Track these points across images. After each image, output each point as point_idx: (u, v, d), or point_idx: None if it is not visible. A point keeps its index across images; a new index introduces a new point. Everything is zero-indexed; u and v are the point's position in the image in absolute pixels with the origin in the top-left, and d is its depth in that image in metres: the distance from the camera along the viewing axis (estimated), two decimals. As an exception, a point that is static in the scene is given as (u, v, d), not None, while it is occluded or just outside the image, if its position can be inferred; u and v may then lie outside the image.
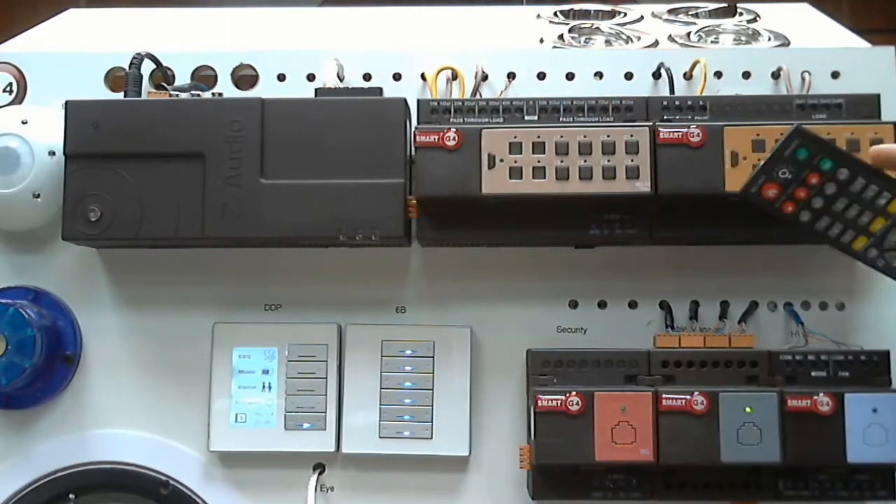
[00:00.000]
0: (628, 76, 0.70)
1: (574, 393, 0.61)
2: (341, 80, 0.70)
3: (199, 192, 0.63)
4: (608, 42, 0.81)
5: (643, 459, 0.60)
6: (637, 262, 0.68)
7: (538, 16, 0.90)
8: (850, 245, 0.57)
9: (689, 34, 0.81)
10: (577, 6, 0.91)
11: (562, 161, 0.61)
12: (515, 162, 0.61)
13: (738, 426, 0.60)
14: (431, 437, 0.66)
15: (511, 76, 0.70)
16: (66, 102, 0.65)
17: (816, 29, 0.84)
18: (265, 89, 0.71)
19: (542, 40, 0.80)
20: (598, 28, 0.85)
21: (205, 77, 0.72)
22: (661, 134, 0.61)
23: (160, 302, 0.69)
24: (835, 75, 0.69)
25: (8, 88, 0.71)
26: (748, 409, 0.60)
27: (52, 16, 0.89)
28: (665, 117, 0.64)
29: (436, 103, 0.64)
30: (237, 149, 0.63)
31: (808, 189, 0.57)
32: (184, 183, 0.63)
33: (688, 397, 0.60)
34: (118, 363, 0.69)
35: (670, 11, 0.90)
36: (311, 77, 0.71)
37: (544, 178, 0.61)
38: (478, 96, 0.69)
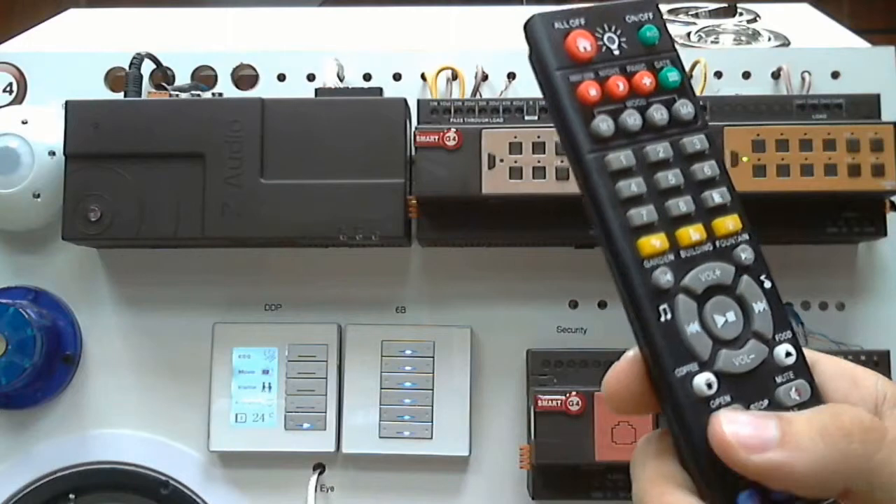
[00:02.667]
0: (628, 76, 0.70)
1: (574, 393, 0.61)
2: (341, 80, 0.70)
3: (199, 192, 0.63)
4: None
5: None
6: (637, 262, 0.67)
7: (538, 16, 0.90)
8: (631, 240, 0.32)
9: (689, 34, 0.81)
10: (576, 6, 0.91)
11: (562, 161, 0.61)
12: (515, 162, 0.61)
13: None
14: (431, 437, 0.66)
15: (511, 76, 0.70)
16: (66, 102, 0.65)
17: (816, 29, 0.84)
18: (265, 89, 0.71)
19: (542, 40, 0.80)
20: (598, 28, 0.84)
21: (205, 77, 0.72)
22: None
23: (160, 302, 0.69)
24: (835, 75, 0.69)
25: (8, 88, 0.71)
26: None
27: (52, 16, 0.89)
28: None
29: (436, 103, 0.64)
30: (237, 149, 0.63)
31: (629, 91, 0.34)
32: (184, 183, 0.63)
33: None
34: (118, 363, 0.69)
35: (670, 11, 0.90)
36: (311, 77, 0.71)
37: (544, 178, 0.61)
38: (478, 96, 0.69)
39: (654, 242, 0.32)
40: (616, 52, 0.34)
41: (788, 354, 0.33)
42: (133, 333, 0.69)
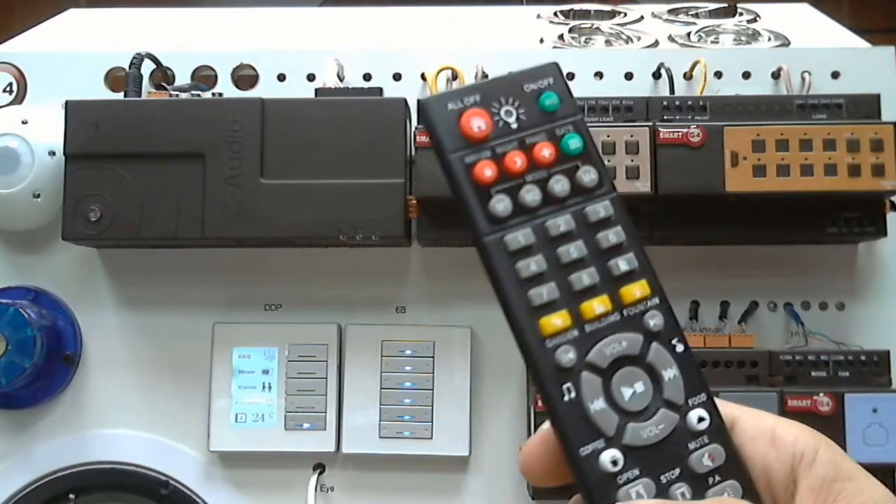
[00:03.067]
0: (628, 76, 0.70)
1: (574, 393, 0.60)
2: (341, 80, 0.70)
3: (199, 192, 0.63)
4: (608, 42, 0.81)
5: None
6: (637, 262, 0.67)
7: (538, 16, 0.90)
8: (532, 320, 0.32)
9: (689, 34, 0.81)
10: (577, 6, 0.91)
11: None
12: (515, 162, 0.61)
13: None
14: (431, 437, 0.66)
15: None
16: (66, 102, 0.65)
17: (816, 29, 0.84)
18: (265, 89, 0.71)
19: (542, 40, 0.80)
20: (598, 28, 0.85)
21: (205, 77, 0.72)
22: (661, 134, 0.61)
23: (160, 302, 0.69)
24: (835, 75, 0.69)
25: (8, 88, 0.71)
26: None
27: (52, 16, 0.89)
28: (665, 117, 0.64)
29: (436, 103, 0.64)
30: (237, 149, 0.63)
31: (528, 165, 0.33)
32: (184, 183, 0.63)
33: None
34: (118, 363, 0.69)
35: (670, 11, 0.90)
36: (311, 77, 0.71)
37: (544, 178, 0.61)
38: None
39: (556, 321, 0.32)
40: (514, 126, 0.33)
41: (701, 420, 0.33)
42: (133, 333, 0.69)
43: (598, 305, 0.32)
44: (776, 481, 0.33)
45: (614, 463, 0.32)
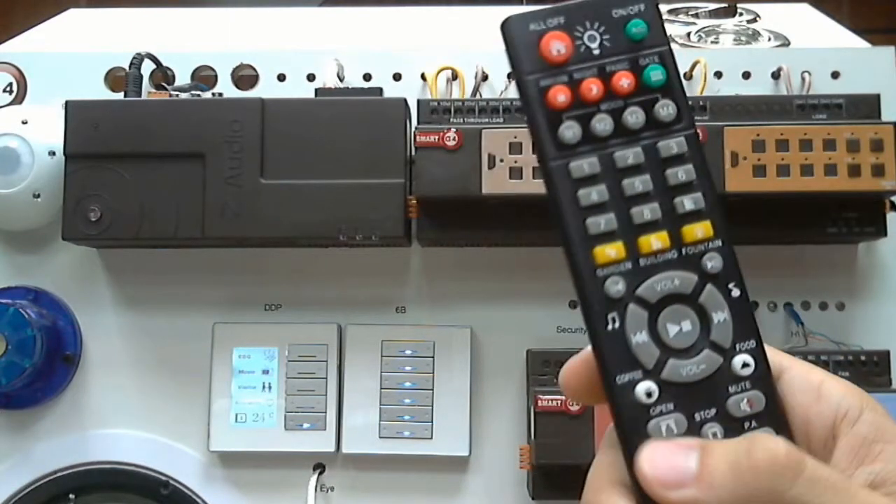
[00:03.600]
0: (628, 76, 0.70)
1: (574, 393, 0.60)
2: (341, 80, 0.70)
3: (199, 192, 0.63)
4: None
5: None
6: (637, 262, 0.67)
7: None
8: (586, 248, 0.33)
9: (689, 34, 0.81)
10: (577, 6, 0.91)
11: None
12: (515, 162, 0.61)
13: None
14: (431, 437, 0.66)
15: (511, 76, 0.70)
16: (66, 102, 0.65)
17: (816, 29, 0.84)
18: (265, 89, 0.71)
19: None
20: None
21: (205, 77, 0.72)
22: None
23: (160, 302, 0.69)
24: (835, 75, 0.69)
25: (8, 88, 0.71)
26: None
27: (52, 16, 0.89)
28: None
29: (436, 103, 0.64)
30: (237, 149, 0.63)
31: (604, 93, 0.33)
32: (184, 183, 0.63)
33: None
34: (118, 363, 0.69)
35: (670, 11, 0.90)
36: (311, 77, 0.71)
37: (544, 178, 0.61)
38: (478, 96, 0.69)
39: (609, 252, 0.32)
40: (596, 52, 0.33)
41: (745, 365, 0.33)
42: (133, 333, 0.69)
43: (655, 241, 0.33)
44: (816, 435, 0.33)
45: (649, 395, 0.32)
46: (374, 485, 0.67)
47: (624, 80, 0.33)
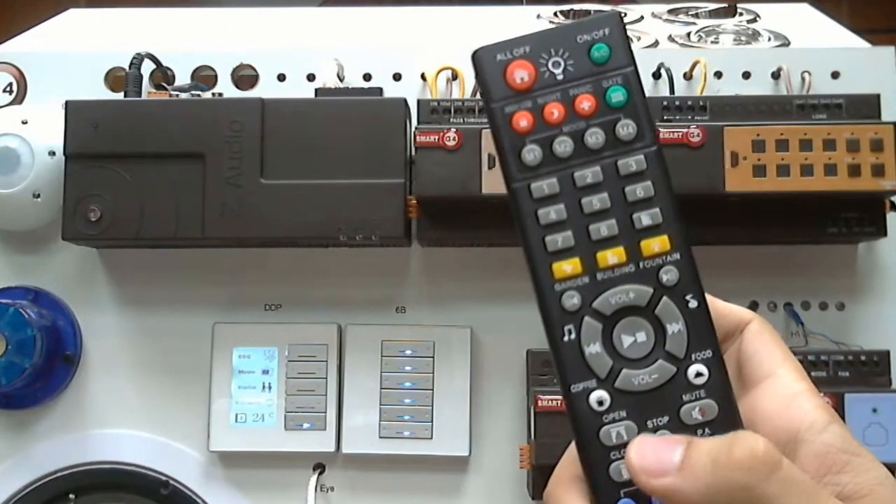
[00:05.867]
0: (628, 76, 0.70)
1: (574, 393, 0.60)
2: (341, 80, 0.70)
3: (199, 192, 0.63)
4: (608, 42, 0.81)
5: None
6: (637, 262, 0.67)
7: (538, 16, 0.90)
8: (546, 264, 0.34)
9: (689, 34, 0.81)
10: (577, 6, 0.91)
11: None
12: (515, 162, 0.61)
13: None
14: (431, 437, 0.66)
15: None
16: (66, 102, 0.65)
17: (816, 29, 0.84)
18: (265, 89, 0.71)
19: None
20: (598, 28, 0.84)
21: (205, 77, 0.72)
22: (660, 134, 0.61)
23: (160, 302, 0.69)
24: (835, 75, 0.69)
25: (8, 88, 0.71)
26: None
27: (52, 16, 0.89)
28: (665, 117, 0.64)
29: (436, 103, 0.64)
30: (237, 149, 0.63)
31: (565, 116, 0.34)
32: (184, 183, 0.63)
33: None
34: (118, 363, 0.69)
35: (670, 11, 0.90)
36: (311, 77, 0.71)
37: (544, 178, 0.61)
38: (478, 96, 0.69)
39: (566, 268, 0.34)
40: (560, 77, 0.34)
41: (699, 375, 0.34)
42: (133, 333, 0.69)
43: (612, 256, 0.34)
44: (778, 440, 0.33)
45: (600, 403, 0.34)
46: (374, 485, 0.67)
47: (585, 103, 0.34)
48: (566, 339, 0.34)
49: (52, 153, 0.66)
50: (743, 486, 0.30)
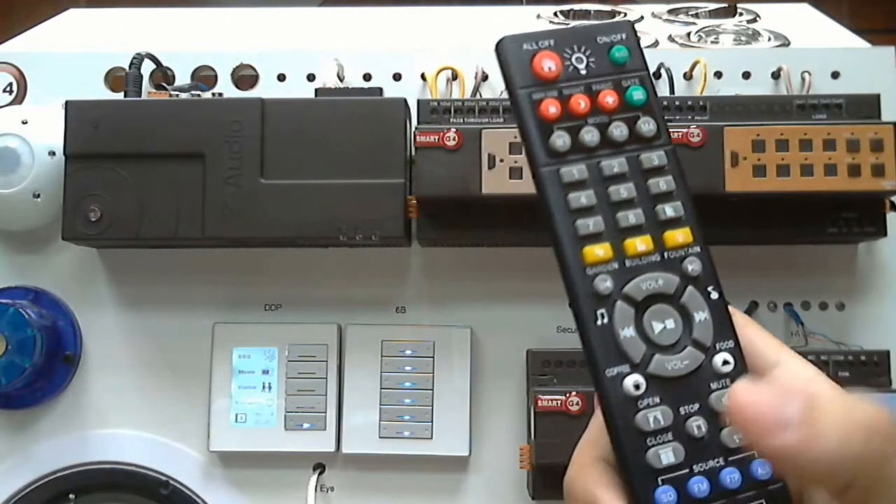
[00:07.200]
0: (628, 76, 0.70)
1: (574, 393, 0.60)
2: (341, 80, 0.70)
3: (199, 192, 0.63)
4: (608, 42, 0.81)
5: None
6: (637, 262, 0.68)
7: (538, 16, 0.90)
8: (576, 248, 0.35)
9: (689, 34, 0.81)
10: (576, 6, 0.91)
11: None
12: (515, 162, 0.61)
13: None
14: (431, 437, 0.66)
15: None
16: (66, 102, 0.65)
17: (816, 29, 0.84)
18: (265, 89, 0.71)
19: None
20: (597, 28, 0.84)
21: (205, 77, 0.72)
22: (661, 134, 0.61)
23: (160, 302, 0.69)
24: (835, 75, 0.69)
25: (8, 88, 0.71)
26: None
27: (52, 16, 0.89)
28: (665, 117, 0.64)
29: (436, 103, 0.64)
30: (237, 149, 0.63)
31: (591, 109, 0.35)
32: (184, 183, 0.63)
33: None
34: (118, 363, 0.69)
35: (670, 11, 0.90)
36: (311, 77, 0.71)
37: (544, 178, 0.61)
38: (478, 96, 0.69)
39: (598, 251, 0.35)
40: (583, 72, 0.36)
41: (726, 363, 0.35)
42: (133, 333, 0.69)
43: (640, 244, 0.35)
44: None
45: (637, 387, 0.34)
46: (374, 485, 0.67)
47: (609, 98, 0.36)
48: (599, 322, 0.35)
49: (52, 153, 0.66)
50: (877, 457, 0.27)
